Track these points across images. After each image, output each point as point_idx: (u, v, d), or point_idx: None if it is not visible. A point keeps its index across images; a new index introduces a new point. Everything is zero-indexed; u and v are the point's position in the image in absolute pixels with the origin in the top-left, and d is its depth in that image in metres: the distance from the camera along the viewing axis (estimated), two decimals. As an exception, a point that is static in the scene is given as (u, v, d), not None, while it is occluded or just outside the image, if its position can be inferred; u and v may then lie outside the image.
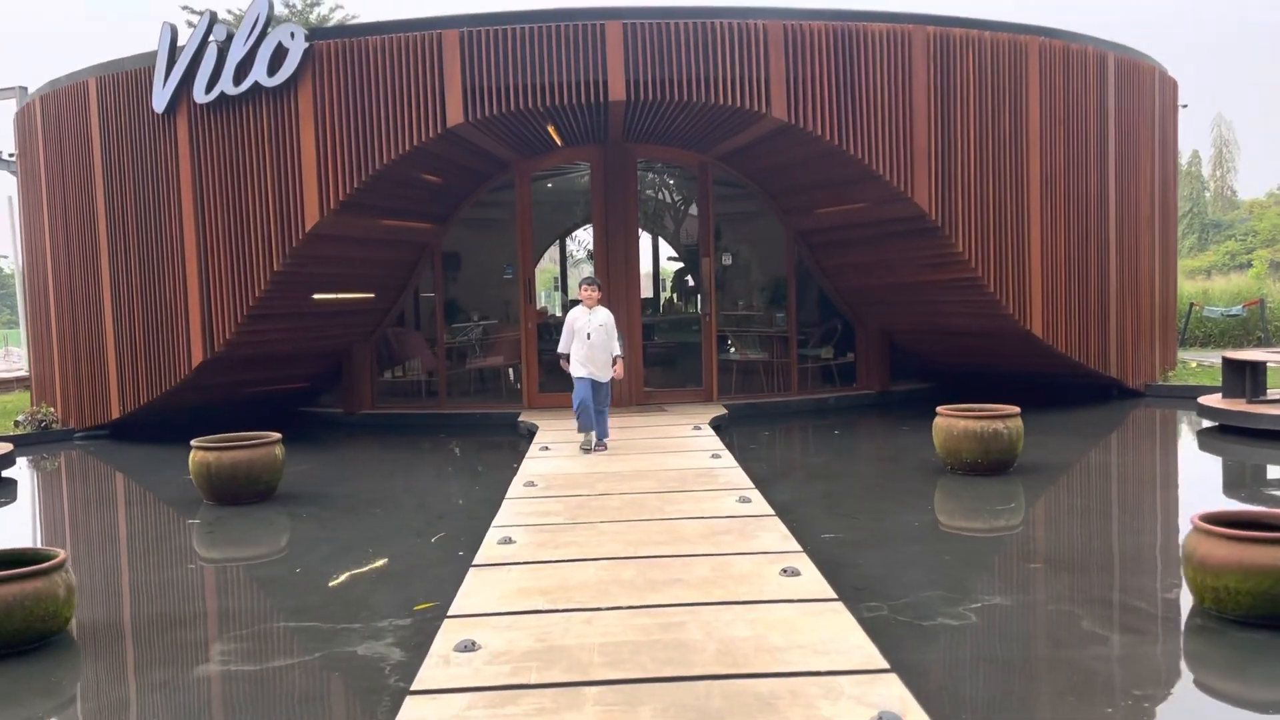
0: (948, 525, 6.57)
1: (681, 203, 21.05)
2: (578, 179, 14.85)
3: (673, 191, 18.36)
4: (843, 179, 10.57)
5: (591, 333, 8.23)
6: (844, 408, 12.25)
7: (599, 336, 8.25)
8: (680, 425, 9.98)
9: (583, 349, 8.29)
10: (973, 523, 6.56)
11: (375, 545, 6.33)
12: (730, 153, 11.42)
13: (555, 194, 17.13)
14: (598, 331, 8.24)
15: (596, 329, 8.23)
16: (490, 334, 13.70)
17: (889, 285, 11.55)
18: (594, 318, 8.27)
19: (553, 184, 17.01)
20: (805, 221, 11.97)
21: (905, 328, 12.22)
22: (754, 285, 14.29)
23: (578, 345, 8.31)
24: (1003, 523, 6.51)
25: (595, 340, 8.24)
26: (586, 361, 8.29)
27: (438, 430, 11.57)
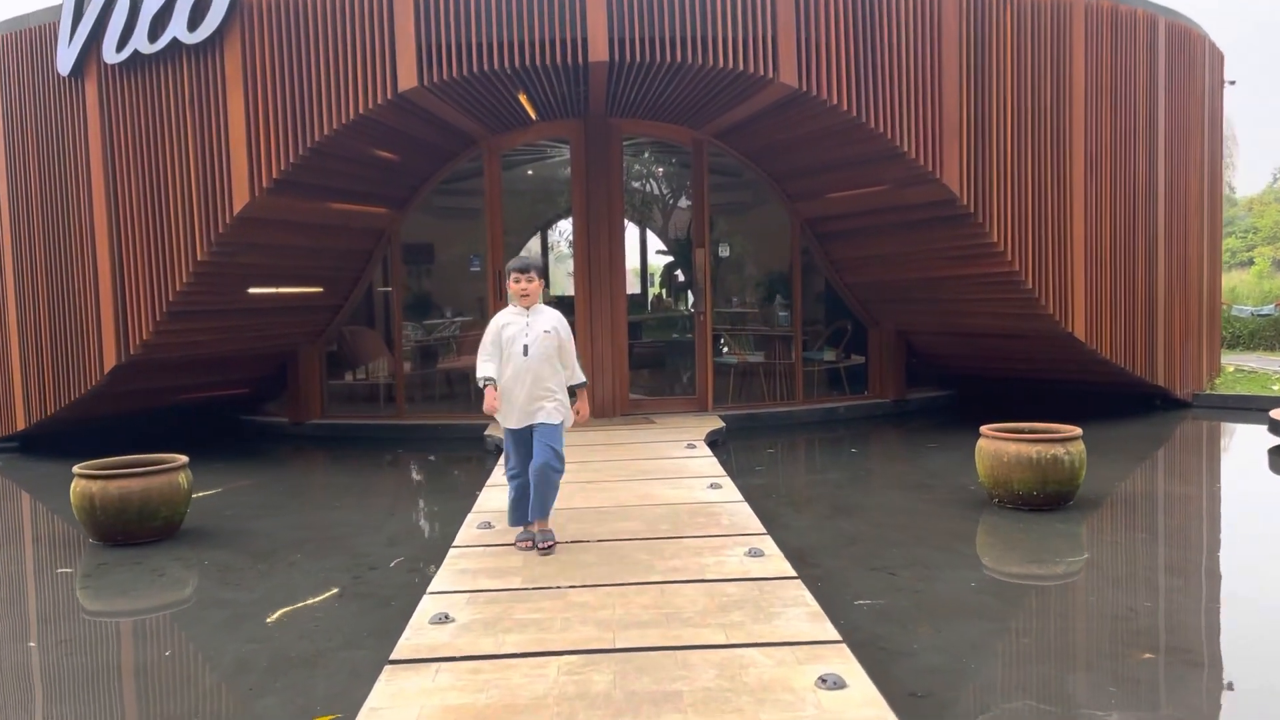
0: (1013, 585, 5.20)
1: (670, 195, 19.70)
2: (561, 166, 13.46)
3: (662, 183, 16.97)
4: (859, 158, 9.19)
5: (529, 345, 5.01)
6: (855, 419, 10.88)
7: (540, 351, 5.02)
8: (672, 442, 8.59)
9: (514, 374, 5.05)
10: (1043, 582, 5.19)
11: (283, 611, 4.92)
12: (729, 129, 10.02)
13: (537, 181, 15.73)
14: (539, 344, 5.02)
15: (537, 340, 5.02)
16: (462, 333, 12.27)
17: (909, 281, 10.18)
18: (533, 322, 5.05)
19: (533, 170, 15.62)
20: (813, 208, 10.58)
21: (925, 329, 10.85)
22: (752, 280, 12.89)
23: (509, 368, 5.06)
24: (1082, 582, 5.14)
25: (534, 358, 5.02)
26: (516, 395, 5.06)
27: (395, 444, 10.16)
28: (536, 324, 5.04)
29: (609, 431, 9.35)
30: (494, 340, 5.07)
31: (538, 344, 5.00)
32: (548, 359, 5.05)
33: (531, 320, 5.05)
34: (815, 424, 10.67)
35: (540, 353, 5.01)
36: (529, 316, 5.06)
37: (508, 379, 5.03)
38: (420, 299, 12.20)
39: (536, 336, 5.01)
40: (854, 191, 9.80)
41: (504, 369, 5.05)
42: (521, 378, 5.01)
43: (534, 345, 5.00)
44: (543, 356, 5.02)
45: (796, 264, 11.00)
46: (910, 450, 9.04)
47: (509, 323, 5.06)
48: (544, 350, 5.02)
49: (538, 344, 5.00)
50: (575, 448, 8.16)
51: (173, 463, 6.49)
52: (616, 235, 10.27)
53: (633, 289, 19.99)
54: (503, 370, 5.05)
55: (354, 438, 10.52)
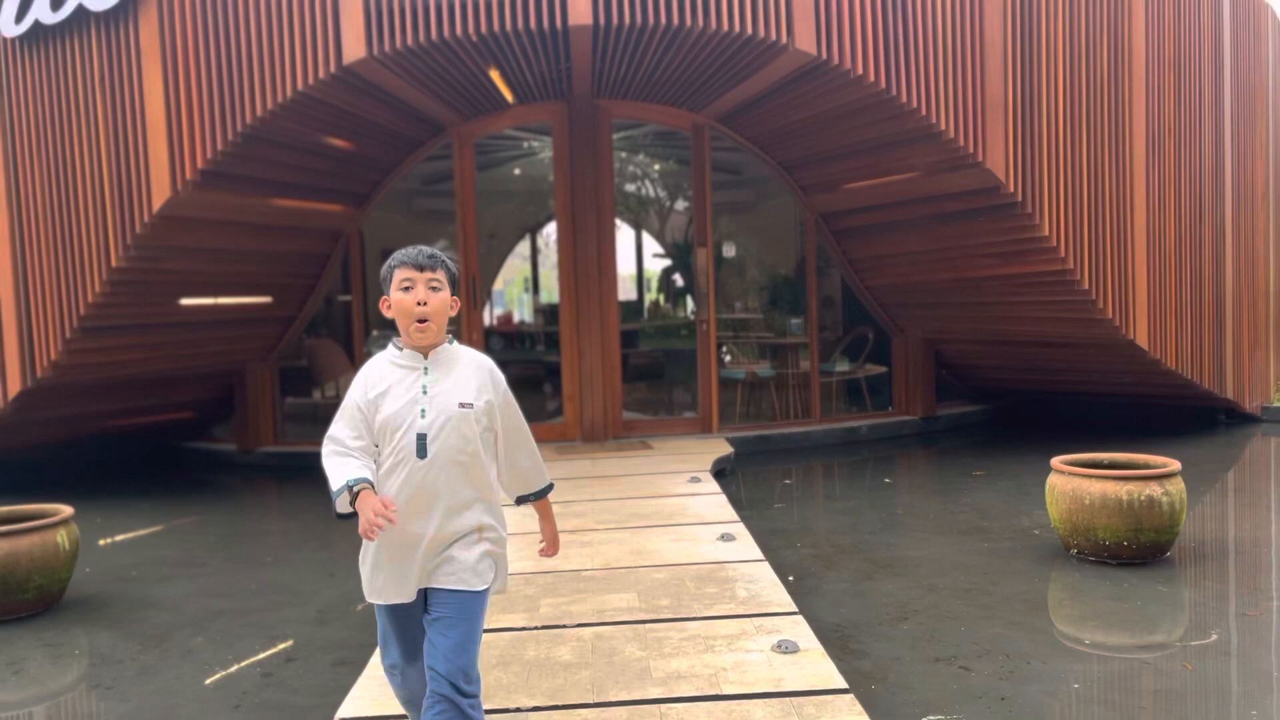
0: (1130, 685, 3.92)
1: (667, 193, 18.45)
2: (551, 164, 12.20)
3: (657, 179, 15.74)
4: (885, 140, 7.93)
5: (428, 432, 2.55)
6: (880, 439, 9.60)
7: (452, 443, 2.56)
8: (673, 474, 7.32)
9: (401, 491, 2.55)
10: (1169, 680, 3.90)
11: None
12: (733, 110, 8.76)
13: (526, 182, 14.51)
14: (450, 430, 2.56)
15: (446, 421, 2.56)
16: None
17: (940, 283, 8.91)
18: (437, 384, 2.60)
19: (521, 169, 14.39)
20: (830, 201, 9.31)
21: (958, 337, 9.58)
22: (758, 283, 11.61)
23: (392, 480, 2.56)
24: (1228, 681, 3.86)
25: (440, 460, 2.55)
26: (406, 535, 2.57)
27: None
28: (444, 388, 2.55)
29: (599, 460, 8.07)
30: (359, 418, 2.55)
31: (447, 430, 2.52)
32: (466, 462, 2.55)
33: (434, 379, 2.56)
34: (835, 446, 9.39)
35: (452, 448, 2.53)
36: (428, 372, 2.56)
37: (405, 495, 2.52)
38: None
39: (445, 415, 2.52)
40: (877, 180, 8.54)
41: (383, 479, 2.54)
42: (416, 500, 2.52)
43: (438, 432, 2.51)
44: (456, 457, 2.53)
45: (810, 265, 9.73)
46: (952, 480, 7.77)
47: (389, 385, 2.56)
48: (459, 442, 2.53)
49: (447, 430, 2.52)
50: (558, 483, 6.90)
51: (51, 517, 5.21)
52: (606, 231, 9.01)
53: (628, 295, 18.75)
54: (381, 480, 2.54)
55: (308, 467, 9.21)
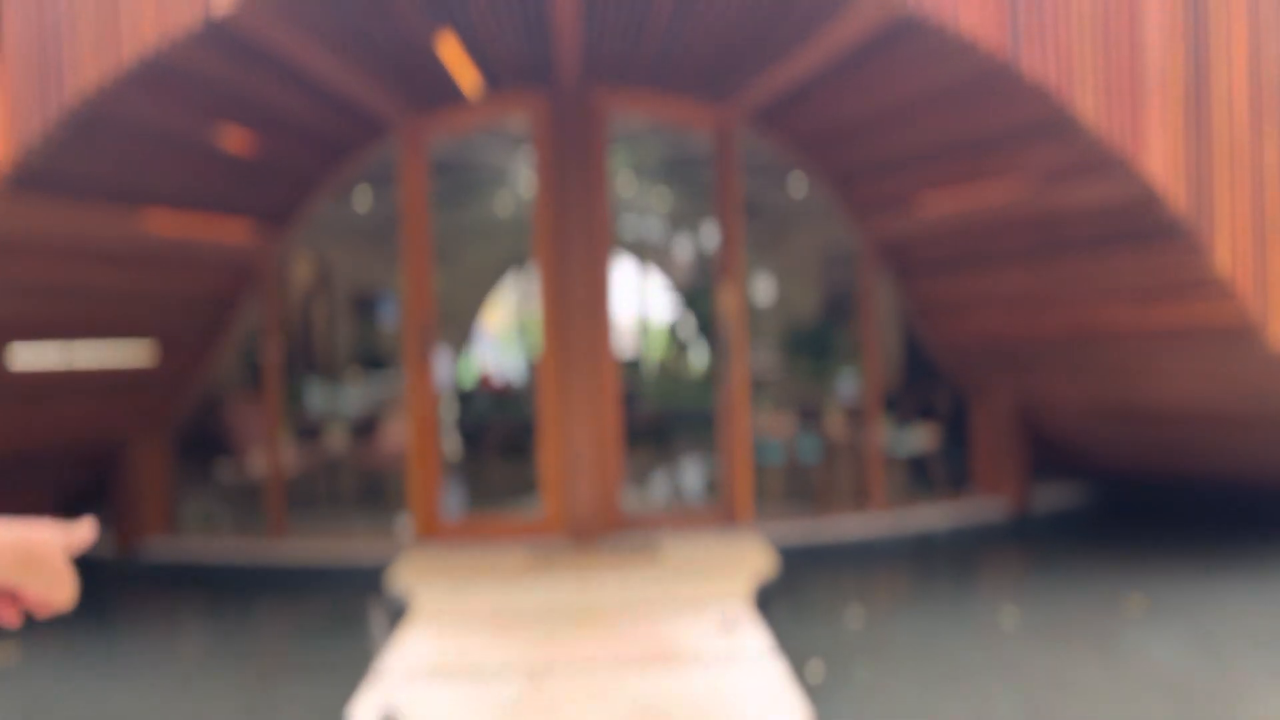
0: None
1: (675, 222, 16.36)
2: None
3: (668, 205, 13.63)
4: (986, 137, 5.74)
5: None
6: (964, 541, 7.28)
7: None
8: (691, 607, 5.04)
9: None
10: None
11: None
12: (771, 102, 6.58)
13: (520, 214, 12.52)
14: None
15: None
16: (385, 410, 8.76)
17: (1047, 334, 6.66)
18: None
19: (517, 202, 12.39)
20: (896, 226, 7.08)
21: (1065, 404, 7.28)
22: (796, 332, 9.38)
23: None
24: None
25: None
26: None
27: (265, 589, 6.61)
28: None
29: (588, 576, 5.78)
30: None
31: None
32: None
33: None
34: (906, 551, 7.07)
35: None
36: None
37: None
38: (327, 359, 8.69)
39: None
40: (966, 196, 6.32)
41: None
42: None
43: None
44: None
45: (868, 311, 7.48)
46: (1094, 613, 5.43)
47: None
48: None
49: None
50: (525, 618, 4.61)
51: None
52: (599, 263, 6.78)
53: (629, 350, 16.57)
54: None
55: (208, 578, 6.93)
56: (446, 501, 7.21)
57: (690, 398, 15.86)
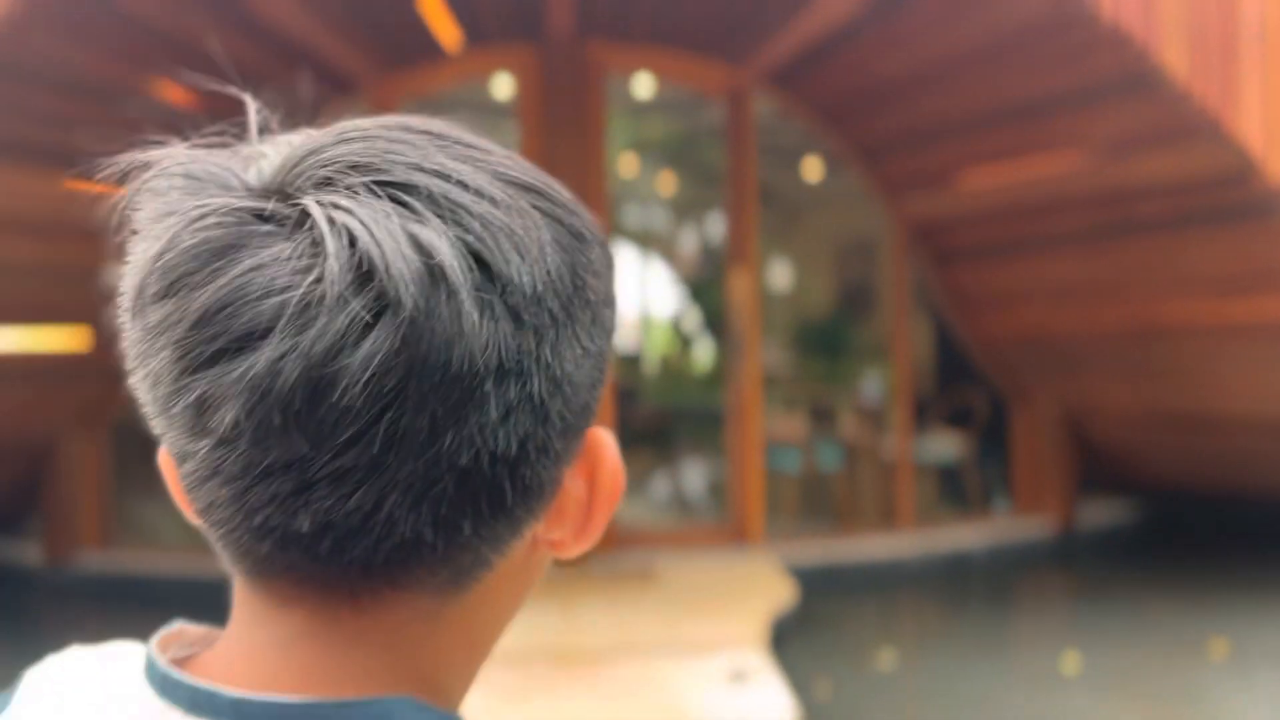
0: None
1: (680, 208, 15.58)
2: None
3: (673, 182, 12.83)
4: (1046, 99, 4.91)
5: None
6: (1005, 564, 6.43)
7: None
8: (694, 652, 4.21)
9: None
10: None
11: None
12: (791, 62, 5.74)
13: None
14: None
15: None
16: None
17: (1104, 330, 5.82)
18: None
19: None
20: (934, 205, 6.24)
21: (1119, 410, 6.43)
22: (815, 326, 8.55)
23: None
24: None
25: None
26: None
27: (208, 610, 5.81)
28: None
29: (573, 605, 4.95)
30: None
31: None
32: None
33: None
34: (938, 574, 6.24)
35: None
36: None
37: None
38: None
39: None
40: (1019, 168, 5.49)
41: None
42: None
43: None
44: None
45: (901, 302, 6.65)
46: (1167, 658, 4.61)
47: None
48: None
49: None
50: (500, 660, 3.82)
51: None
52: (596, 247, 5.95)
53: (629, 344, 15.76)
54: None
55: (147, 592, 6.12)
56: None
57: (694, 395, 15.07)
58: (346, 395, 0.36)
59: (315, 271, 0.36)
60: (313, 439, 0.37)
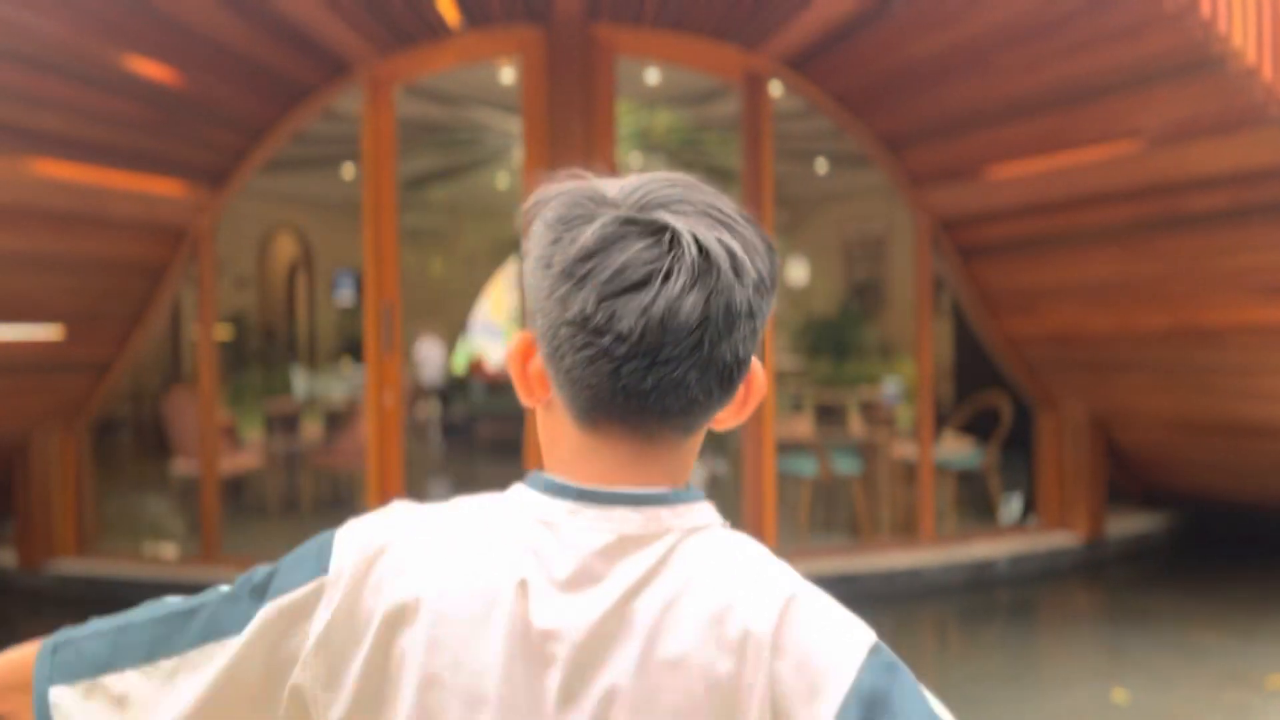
0: None
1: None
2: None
3: None
4: (1088, 82, 4.57)
5: None
6: (1034, 579, 6.10)
7: None
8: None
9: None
10: None
11: None
12: (812, 44, 5.40)
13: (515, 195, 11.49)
14: None
15: None
16: (336, 407, 7.64)
17: (1143, 331, 5.48)
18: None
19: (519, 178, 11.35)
20: (962, 198, 5.90)
21: (1153, 415, 6.08)
22: (828, 325, 8.21)
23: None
24: None
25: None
26: None
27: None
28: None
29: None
30: None
31: None
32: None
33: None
34: (960, 590, 5.90)
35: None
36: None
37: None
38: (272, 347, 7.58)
39: None
40: (1055, 159, 5.14)
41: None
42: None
43: None
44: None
45: (924, 298, 6.30)
46: (1218, 685, 4.28)
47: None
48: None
49: None
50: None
51: None
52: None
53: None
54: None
55: (125, 599, 5.77)
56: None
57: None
58: (682, 317, 0.69)
59: (664, 254, 0.69)
60: (664, 338, 0.70)
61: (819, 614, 0.74)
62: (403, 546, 0.75)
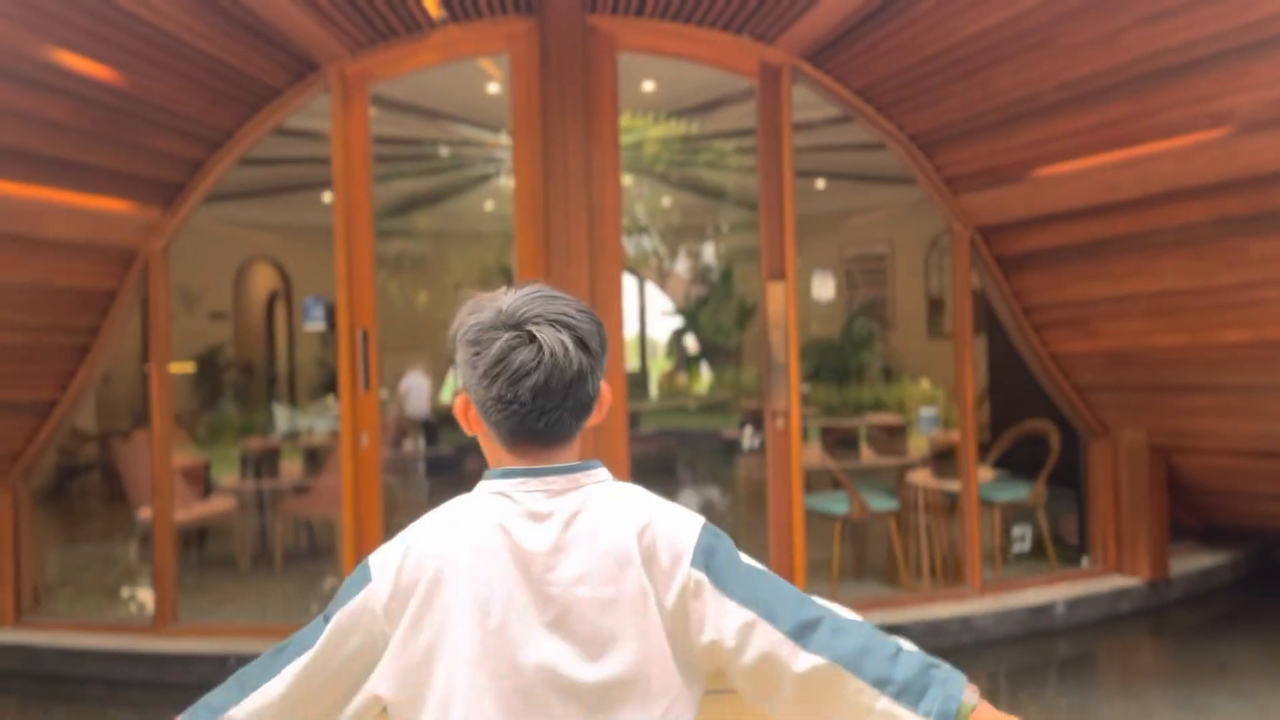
0: None
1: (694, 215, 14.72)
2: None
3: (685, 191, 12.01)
4: (1162, 61, 3.97)
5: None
6: (1089, 624, 5.45)
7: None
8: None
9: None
10: None
11: None
12: (835, 33, 4.80)
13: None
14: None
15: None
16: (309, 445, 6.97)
17: (1217, 348, 4.86)
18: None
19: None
20: (1006, 200, 5.26)
21: (1227, 442, 5.44)
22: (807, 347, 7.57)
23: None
24: None
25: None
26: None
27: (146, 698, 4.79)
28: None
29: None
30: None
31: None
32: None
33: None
34: (1015, 641, 5.24)
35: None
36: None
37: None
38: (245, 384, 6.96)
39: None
40: (1118, 156, 4.53)
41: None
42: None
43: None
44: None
45: (963, 315, 5.66)
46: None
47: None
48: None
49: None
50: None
51: None
52: (607, 252, 4.98)
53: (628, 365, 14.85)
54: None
55: (69, 677, 5.08)
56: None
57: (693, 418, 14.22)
58: (552, 386, 1.20)
59: (538, 353, 1.20)
60: (546, 400, 1.21)
61: (674, 514, 1.25)
62: (420, 542, 1.23)
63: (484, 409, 1.24)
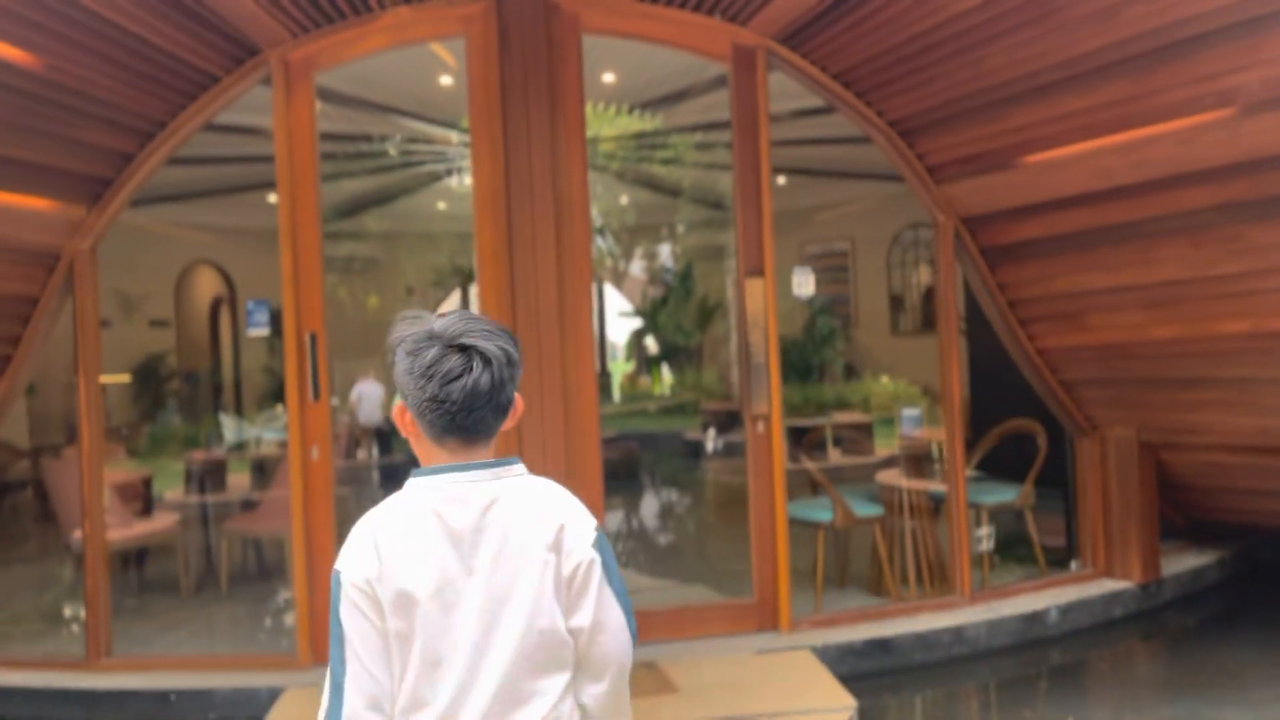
0: None
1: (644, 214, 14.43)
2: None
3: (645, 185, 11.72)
4: (1155, 45, 3.74)
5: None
6: (1084, 630, 5.23)
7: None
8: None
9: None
10: None
11: None
12: (811, 12, 4.52)
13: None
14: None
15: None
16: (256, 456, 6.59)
17: (1215, 341, 4.65)
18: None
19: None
20: (993, 189, 5.01)
21: (1222, 439, 5.24)
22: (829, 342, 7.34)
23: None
24: None
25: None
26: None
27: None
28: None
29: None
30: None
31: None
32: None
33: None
34: (1009, 651, 5.00)
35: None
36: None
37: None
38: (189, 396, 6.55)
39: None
40: (1117, 139, 4.30)
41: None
42: None
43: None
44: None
45: (949, 311, 5.41)
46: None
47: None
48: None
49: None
50: None
51: None
52: (576, 249, 4.67)
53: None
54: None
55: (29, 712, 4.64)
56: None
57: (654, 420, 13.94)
58: (480, 389, 1.50)
59: (467, 361, 1.51)
60: (473, 401, 1.51)
61: (578, 512, 1.57)
62: (371, 531, 1.53)
63: (419, 410, 1.52)
